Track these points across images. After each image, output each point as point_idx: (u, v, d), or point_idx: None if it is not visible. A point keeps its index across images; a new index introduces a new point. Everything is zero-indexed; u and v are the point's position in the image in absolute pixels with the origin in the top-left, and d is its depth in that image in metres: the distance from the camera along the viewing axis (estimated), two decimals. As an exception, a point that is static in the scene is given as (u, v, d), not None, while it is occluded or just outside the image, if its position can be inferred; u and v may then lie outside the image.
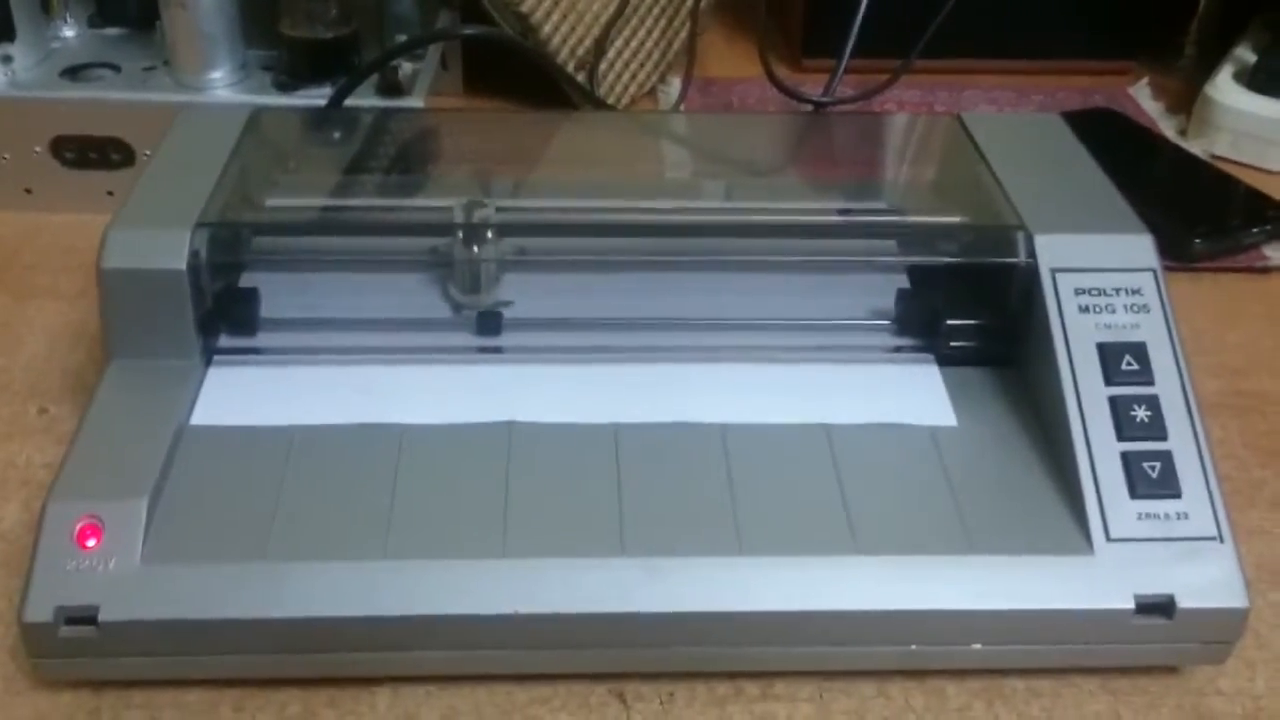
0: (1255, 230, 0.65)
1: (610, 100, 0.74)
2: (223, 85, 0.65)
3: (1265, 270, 0.64)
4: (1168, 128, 0.76)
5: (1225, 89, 0.74)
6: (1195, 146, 0.73)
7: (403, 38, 0.68)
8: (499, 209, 0.50)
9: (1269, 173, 0.72)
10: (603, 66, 0.73)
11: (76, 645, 0.38)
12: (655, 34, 0.76)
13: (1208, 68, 0.76)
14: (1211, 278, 0.63)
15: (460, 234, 0.49)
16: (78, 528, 0.39)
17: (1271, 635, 0.43)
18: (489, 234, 0.49)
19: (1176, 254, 0.62)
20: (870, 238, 0.52)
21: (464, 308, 0.49)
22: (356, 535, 0.40)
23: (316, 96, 0.64)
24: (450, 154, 0.59)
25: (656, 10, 0.75)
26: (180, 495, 0.41)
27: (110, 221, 0.45)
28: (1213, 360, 0.57)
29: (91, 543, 0.38)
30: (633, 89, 0.76)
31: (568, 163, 0.59)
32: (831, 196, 0.56)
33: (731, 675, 0.41)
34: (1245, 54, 0.76)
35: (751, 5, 0.70)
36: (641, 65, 0.76)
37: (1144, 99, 0.80)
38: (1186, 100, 0.77)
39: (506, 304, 0.49)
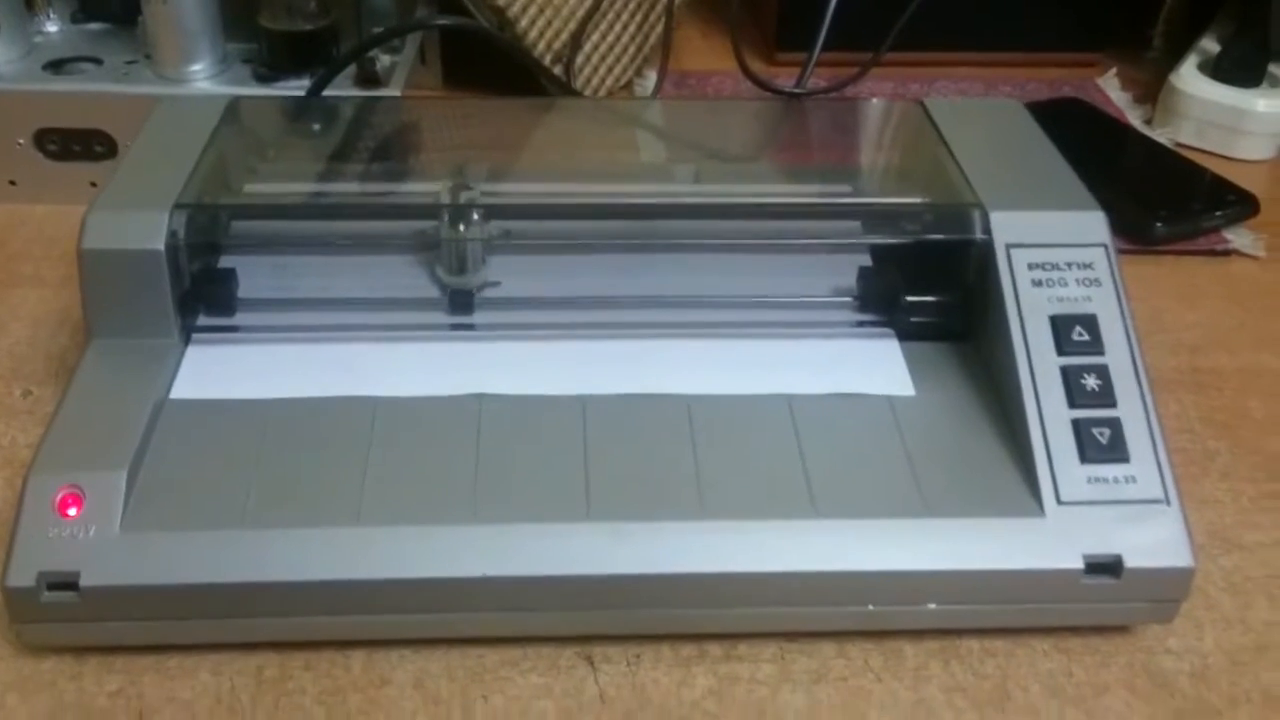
0: (1217, 214, 0.66)
1: (587, 94, 0.75)
2: (203, 78, 0.66)
3: (1225, 253, 0.65)
4: (1135, 117, 0.78)
5: (1189, 78, 0.75)
6: (1161, 135, 0.75)
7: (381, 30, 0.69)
8: (483, 193, 0.51)
9: (1232, 160, 0.73)
10: (579, 60, 0.74)
11: (58, 611, 0.39)
12: (631, 28, 0.77)
13: (1175, 59, 0.78)
14: (1173, 260, 0.64)
15: (447, 215, 0.50)
16: (59, 497, 0.40)
17: (1220, 597, 0.45)
18: (475, 215, 0.50)
19: (1139, 237, 0.64)
20: (834, 218, 0.53)
21: (450, 288, 0.50)
22: (331, 503, 0.41)
23: (296, 88, 0.65)
24: (427, 141, 0.60)
25: (633, 4, 0.77)
26: (159, 465, 0.42)
27: (90, 205, 0.46)
28: (1172, 338, 0.58)
29: (73, 511, 0.40)
30: (609, 82, 0.77)
31: (545, 149, 0.60)
32: (798, 179, 0.57)
33: (696, 637, 0.42)
34: (1210, 44, 0.77)
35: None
36: (618, 59, 0.77)
37: (1112, 90, 0.81)
38: (1154, 91, 0.78)
39: (494, 284, 0.50)
